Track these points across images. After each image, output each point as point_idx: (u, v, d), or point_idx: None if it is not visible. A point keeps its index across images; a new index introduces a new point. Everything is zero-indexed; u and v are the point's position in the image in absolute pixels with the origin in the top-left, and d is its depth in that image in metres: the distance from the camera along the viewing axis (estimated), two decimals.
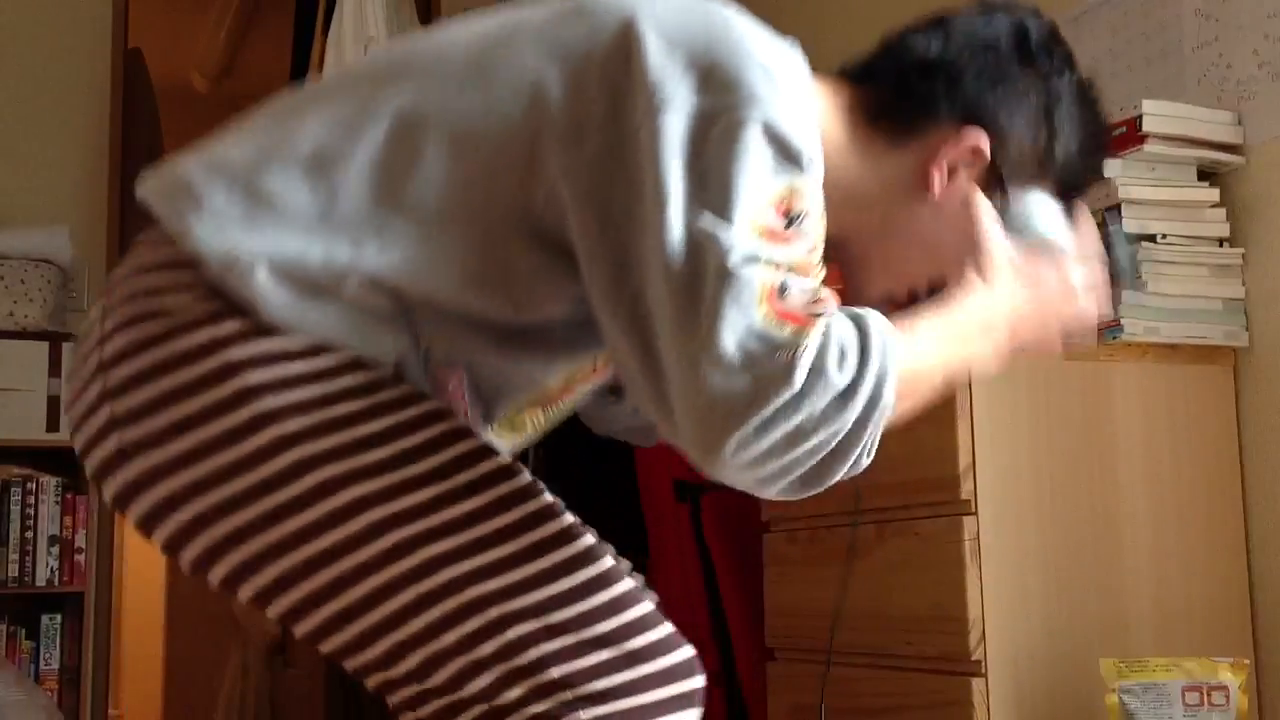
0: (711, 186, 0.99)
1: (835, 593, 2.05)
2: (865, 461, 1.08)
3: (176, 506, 1.04)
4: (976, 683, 1.76)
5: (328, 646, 1.07)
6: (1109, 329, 1.89)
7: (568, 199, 1.03)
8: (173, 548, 1.07)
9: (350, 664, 1.08)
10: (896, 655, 1.92)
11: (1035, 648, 1.78)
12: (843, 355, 0.99)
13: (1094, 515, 1.85)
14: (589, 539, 1.12)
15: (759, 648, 2.37)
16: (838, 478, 1.06)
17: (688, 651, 1.09)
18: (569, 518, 1.12)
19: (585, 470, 2.91)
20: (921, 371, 1.10)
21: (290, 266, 1.04)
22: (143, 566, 5.78)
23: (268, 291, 1.04)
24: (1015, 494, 1.82)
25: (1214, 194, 1.96)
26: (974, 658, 1.76)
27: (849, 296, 1.22)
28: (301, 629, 1.06)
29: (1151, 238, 1.91)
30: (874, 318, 1.02)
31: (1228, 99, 1.99)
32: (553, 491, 1.18)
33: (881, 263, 1.23)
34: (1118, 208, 1.90)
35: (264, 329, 1.04)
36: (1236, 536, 1.93)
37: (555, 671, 1.03)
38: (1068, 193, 1.23)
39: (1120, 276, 1.83)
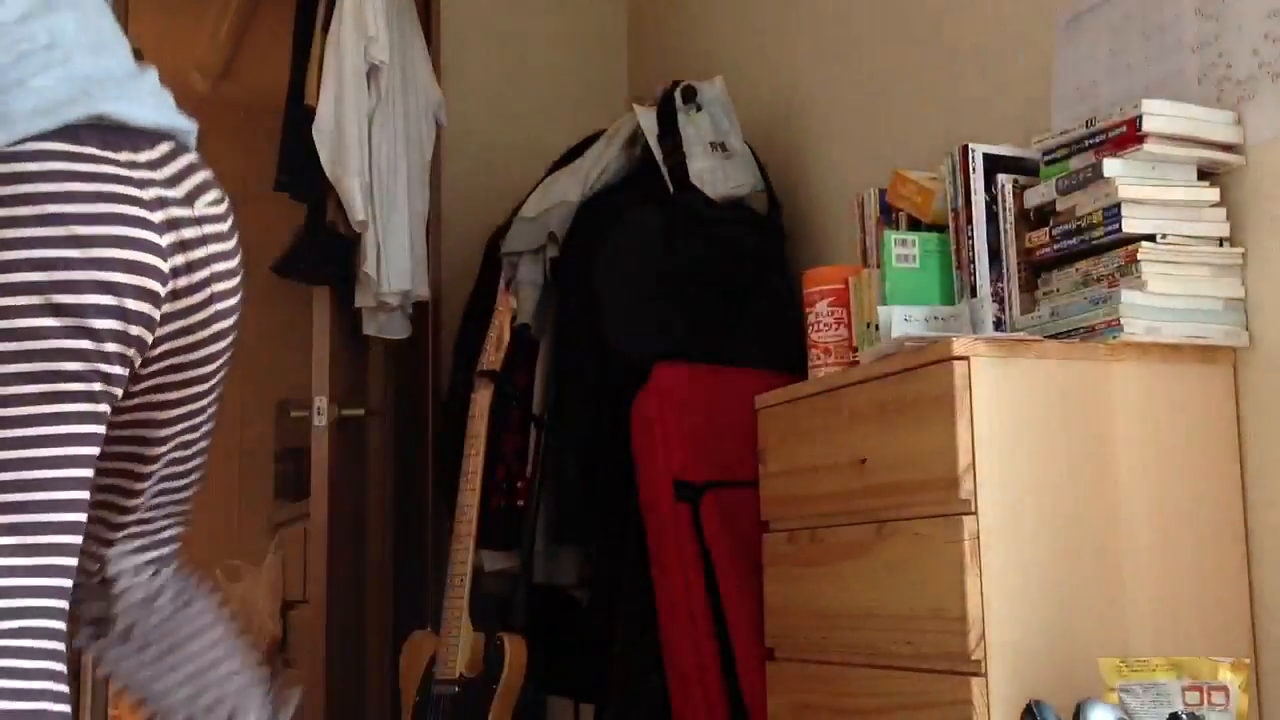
0: None
1: (834, 592, 2.05)
2: None
3: None
4: (976, 683, 1.76)
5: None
6: (1109, 328, 1.89)
7: None
8: None
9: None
10: (896, 655, 1.92)
11: (1035, 648, 1.78)
12: None
13: (1094, 515, 1.85)
14: None
15: (759, 648, 2.37)
16: None
17: None
18: None
19: (585, 470, 2.91)
20: None
21: None
22: None
23: None
24: (1015, 494, 1.82)
25: (1214, 194, 1.96)
26: (974, 658, 1.76)
27: None
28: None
29: (1151, 238, 1.91)
30: None
31: (1228, 99, 1.99)
32: (552, 490, 1.22)
33: None
34: (1118, 207, 1.90)
35: None
36: (1236, 536, 1.93)
37: None
38: None
39: None
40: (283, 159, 3.43)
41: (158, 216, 1.43)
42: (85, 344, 1.37)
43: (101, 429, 1.41)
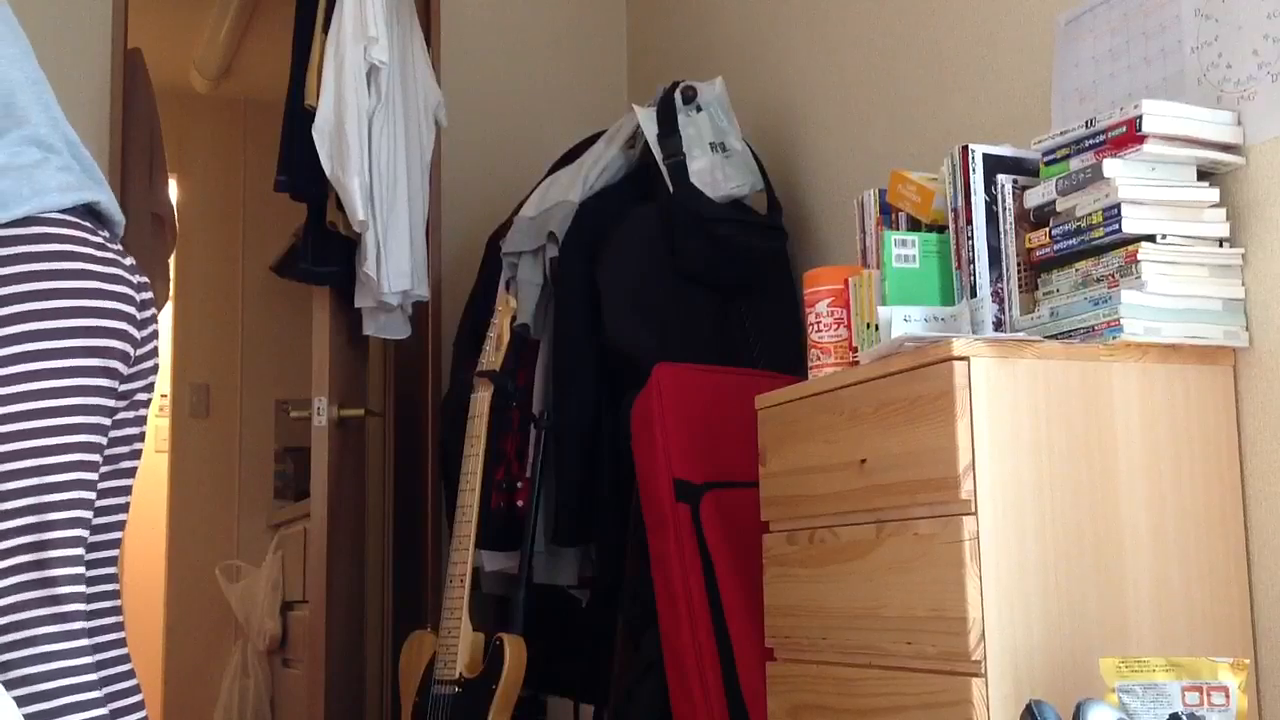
0: None
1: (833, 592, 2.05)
2: None
3: None
4: (976, 683, 1.76)
5: None
6: (1109, 328, 1.89)
7: None
8: None
9: None
10: (896, 655, 1.92)
11: (1035, 648, 1.78)
12: None
13: (1094, 515, 1.85)
14: None
15: (759, 648, 2.37)
16: None
17: None
18: None
19: (585, 470, 2.91)
20: None
21: None
22: (143, 567, 5.79)
23: None
24: (1015, 494, 1.82)
25: (1214, 194, 1.96)
26: (974, 658, 1.76)
27: None
28: None
29: (1151, 238, 1.91)
30: None
31: (1228, 99, 2.00)
32: (552, 491, 1.22)
33: None
34: (1118, 208, 1.90)
35: None
36: (1236, 536, 1.93)
37: None
38: None
39: None
40: (283, 159, 3.43)
41: (135, 280, 1.80)
42: (111, 383, 1.73)
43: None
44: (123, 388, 1.83)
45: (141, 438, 1.92)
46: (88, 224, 1.75)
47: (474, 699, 2.75)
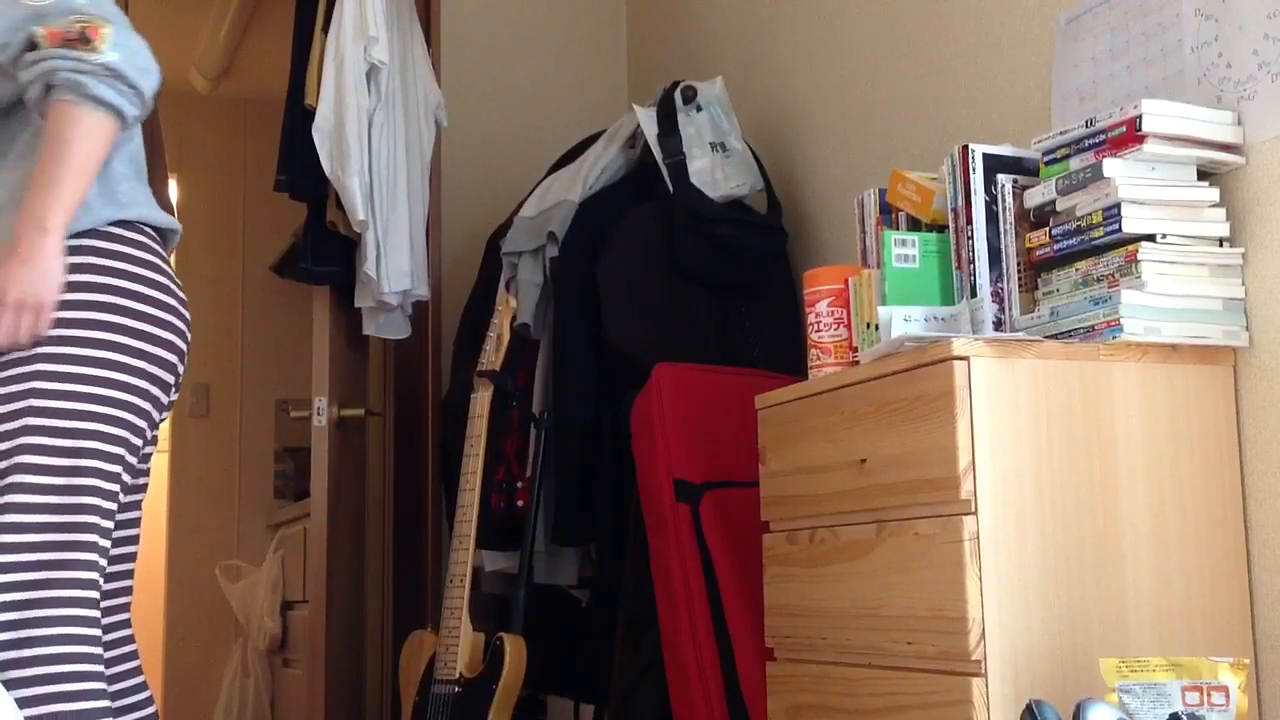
0: None
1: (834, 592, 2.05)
2: None
3: None
4: (976, 683, 1.76)
5: None
6: (1109, 328, 1.89)
7: None
8: None
9: None
10: (896, 655, 1.92)
11: (1035, 648, 1.78)
12: None
13: (1094, 515, 1.85)
14: None
15: (759, 648, 2.37)
16: None
17: None
18: None
19: (585, 470, 2.91)
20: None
21: None
22: (143, 567, 5.78)
23: None
24: (1015, 494, 1.82)
25: (1214, 194, 1.96)
26: (974, 658, 1.76)
27: None
28: None
29: (1151, 238, 1.91)
30: None
31: (1228, 99, 1.99)
32: (552, 491, 1.22)
33: None
34: (1118, 207, 1.90)
35: None
36: (1236, 536, 1.93)
37: None
38: None
39: None
40: (283, 159, 3.43)
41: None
42: (160, 395, 1.83)
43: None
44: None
45: (151, 454, 2.00)
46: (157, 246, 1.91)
47: (474, 699, 2.75)
